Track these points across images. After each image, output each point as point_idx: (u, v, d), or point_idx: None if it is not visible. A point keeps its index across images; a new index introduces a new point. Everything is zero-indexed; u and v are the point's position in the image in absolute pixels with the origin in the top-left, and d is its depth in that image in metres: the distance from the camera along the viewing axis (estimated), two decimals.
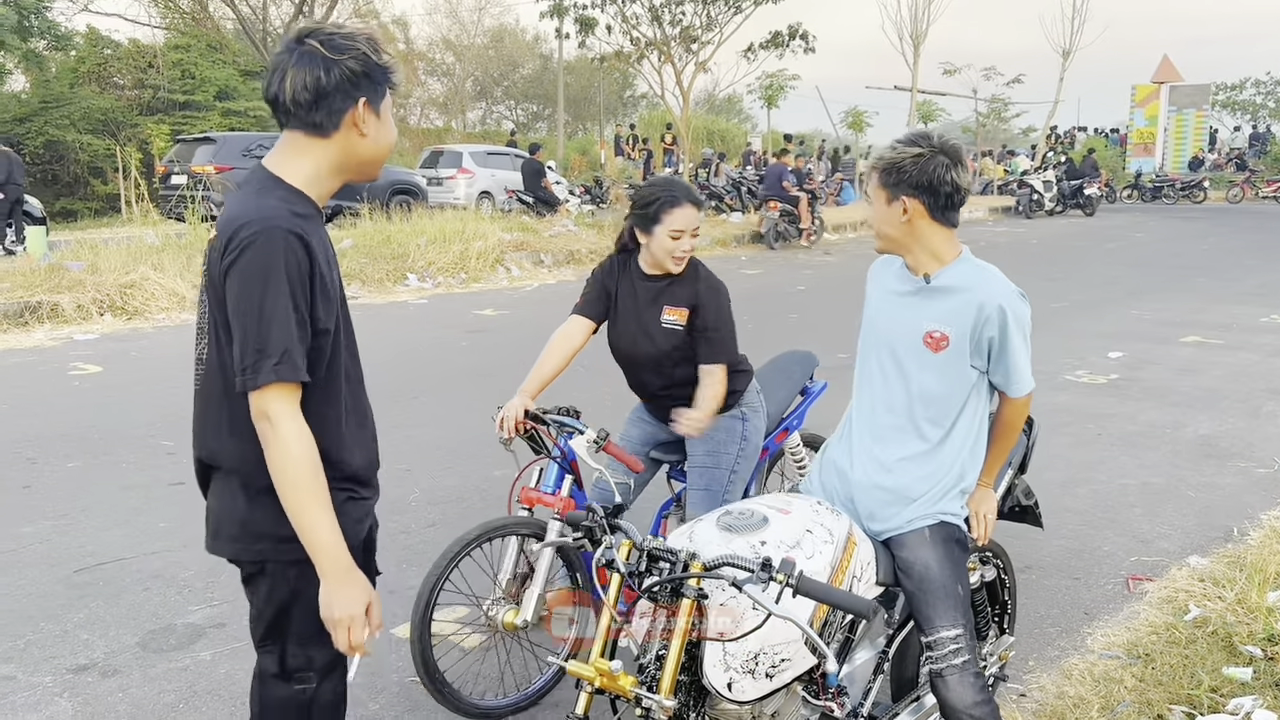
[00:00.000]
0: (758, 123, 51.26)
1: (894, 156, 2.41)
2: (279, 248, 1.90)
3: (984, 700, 2.43)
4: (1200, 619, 3.82)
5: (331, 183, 2.09)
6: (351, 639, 1.96)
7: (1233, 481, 5.59)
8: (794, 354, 4.26)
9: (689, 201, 3.32)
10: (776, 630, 2.06)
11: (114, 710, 3.33)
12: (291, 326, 1.91)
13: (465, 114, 46.83)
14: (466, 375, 8.19)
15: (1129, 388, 7.81)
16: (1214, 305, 11.69)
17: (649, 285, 3.39)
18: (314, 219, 2.03)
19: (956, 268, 2.48)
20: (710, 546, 2.18)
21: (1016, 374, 2.48)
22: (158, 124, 25.51)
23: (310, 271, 1.95)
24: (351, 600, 1.95)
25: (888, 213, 2.45)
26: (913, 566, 2.47)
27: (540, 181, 20.42)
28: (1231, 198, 31.01)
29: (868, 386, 2.63)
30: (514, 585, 3.24)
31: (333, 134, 2.02)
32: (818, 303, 11.63)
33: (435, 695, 3.08)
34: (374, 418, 2.25)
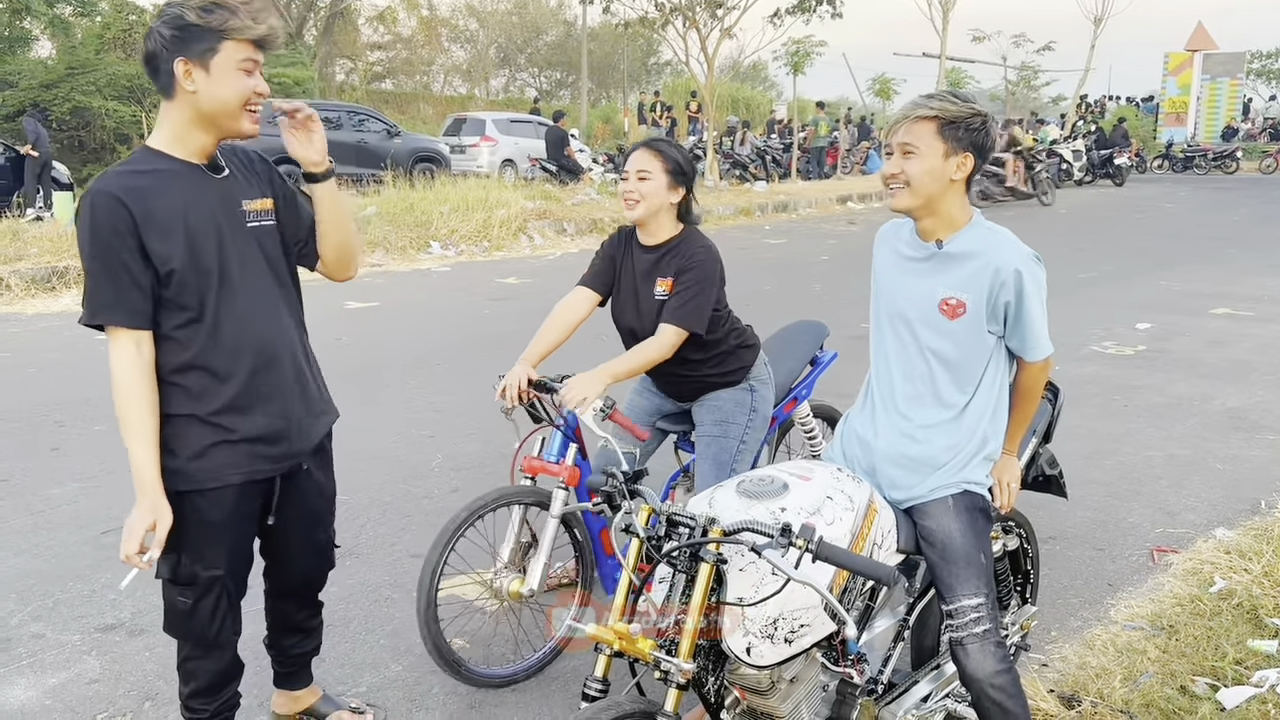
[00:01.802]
0: (783, 90, 50.86)
1: (963, 109, 2.32)
2: (87, 210, 2.19)
3: (1005, 669, 2.41)
4: (1225, 591, 3.79)
5: (196, 137, 2.29)
6: (124, 549, 2.26)
7: (1261, 454, 5.52)
8: (803, 324, 4.23)
9: (643, 146, 3.27)
10: (796, 596, 2.05)
11: (141, 669, 3.38)
12: (104, 277, 2.20)
13: (488, 81, 46.70)
14: (489, 343, 8.20)
15: (1157, 359, 7.73)
16: (1245, 277, 11.52)
17: (645, 257, 3.33)
18: (164, 174, 2.26)
19: (969, 232, 2.43)
20: (730, 512, 2.17)
21: (1034, 338, 2.44)
22: None
23: (132, 222, 2.18)
24: (138, 517, 2.27)
25: (942, 166, 2.34)
26: (935, 535, 2.45)
27: (564, 149, 20.35)
28: (1265, 168, 30.48)
29: (885, 356, 2.59)
30: (518, 554, 3.23)
31: (173, 95, 2.24)
32: (841, 272, 11.55)
33: (441, 664, 3.09)
34: (302, 370, 2.51)
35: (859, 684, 2.42)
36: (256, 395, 2.40)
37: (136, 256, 2.20)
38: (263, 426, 2.42)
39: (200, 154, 2.32)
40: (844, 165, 27.92)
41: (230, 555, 2.50)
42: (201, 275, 2.28)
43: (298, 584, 2.83)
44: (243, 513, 2.48)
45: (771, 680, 2.21)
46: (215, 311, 2.31)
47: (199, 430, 2.35)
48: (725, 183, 22.01)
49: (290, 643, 2.92)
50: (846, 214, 18.81)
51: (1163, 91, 37.04)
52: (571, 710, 3.16)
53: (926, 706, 2.66)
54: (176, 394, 2.33)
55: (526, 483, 3.26)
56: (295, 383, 2.50)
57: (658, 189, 3.20)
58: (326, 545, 2.81)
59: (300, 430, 2.52)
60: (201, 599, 2.47)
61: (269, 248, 2.45)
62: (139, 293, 2.22)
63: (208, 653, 2.56)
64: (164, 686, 3.27)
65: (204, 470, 2.37)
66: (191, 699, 2.59)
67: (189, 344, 2.31)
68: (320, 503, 2.71)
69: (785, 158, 25.13)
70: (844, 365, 4.13)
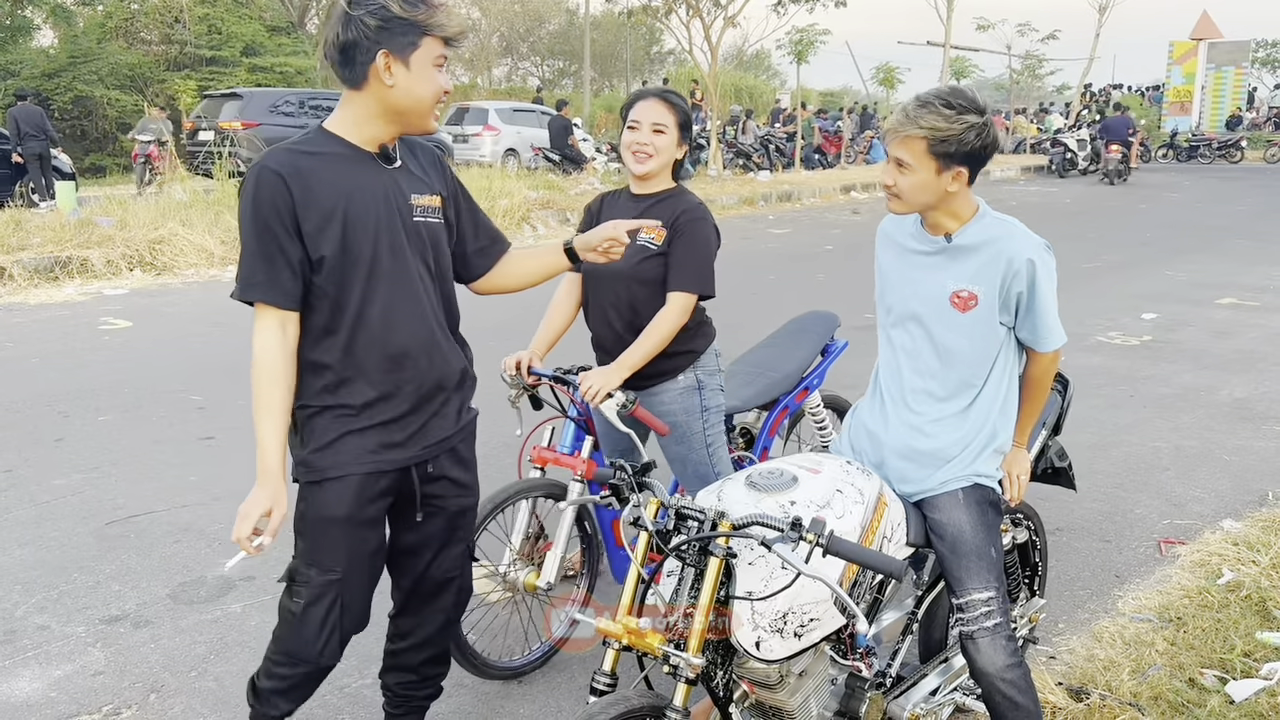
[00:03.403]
0: (787, 79, 50.67)
1: (953, 128, 2.25)
2: (251, 184, 2.15)
3: (1015, 663, 2.40)
4: (1234, 583, 3.77)
5: (377, 129, 2.24)
6: (237, 531, 2.15)
7: (1268, 445, 5.50)
8: (815, 314, 4.22)
9: (656, 96, 3.09)
10: (805, 590, 2.03)
11: (146, 661, 3.37)
12: (258, 254, 2.16)
13: (491, 70, 46.57)
14: (491, 331, 8.14)
15: (1163, 349, 7.70)
16: (1251, 267, 11.48)
17: (634, 204, 3.18)
18: (334, 157, 2.21)
19: (978, 223, 2.40)
20: (738, 505, 2.15)
21: (1046, 328, 2.41)
22: (185, 79, 25.55)
23: (291, 203, 2.13)
24: (252, 499, 2.17)
25: (935, 182, 2.31)
26: (945, 528, 2.44)
27: (567, 139, 20.29)
28: (1269, 157, 30.37)
29: (893, 350, 2.57)
30: (528, 545, 3.20)
31: (363, 86, 2.18)
32: (845, 262, 11.51)
33: (457, 658, 3.05)
34: (437, 369, 2.38)
35: (867, 677, 2.41)
36: (392, 395, 2.30)
37: (292, 237, 2.15)
38: (392, 419, 2.31)
39: (375, 143, 2.26)
40: (848, 155, 27.84)
41: (350, 558, 2.34)
42: (352, 264, 2.21)
43: (429, 596, 2.58)
44: (365, 511, 2.33)
45: (780, 674, 2.20)
46: (361, 302, 2.24)
47: (327, 421, 2.27)
48: (729, 172, 21.95)
49: (397, 680, 2.68)
50: (850, 203, 18.76)
51: (1167, 80, 36.88)
52: (579, 702, 3.15)
53: (935, 700, 2.65)
54: (313, 384, 2.26)
55: (536, 474, 3.23)
56: (432, 383, 2.36)
57: (670, 144, 3.06)
58: (464, 553, 2.61)
59: (429, 426, 2.38)
60: (313, 605, 2.33)
61: (432, 244, 2.35)
62: (290, 273, 2.17)
63: (302, 664, 2.40)
64: (169, 679, 3.27)
65: (326, 459, 2.27)
66: (272, 695, 2.43)
67: (332, 332, 2.24)
68: (456, 504, 2.51)
69: (789, 147, 25.04)
70: (846, 356, 4.12)
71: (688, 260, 3.06)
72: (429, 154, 2.45)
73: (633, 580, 2.12)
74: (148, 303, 9.30)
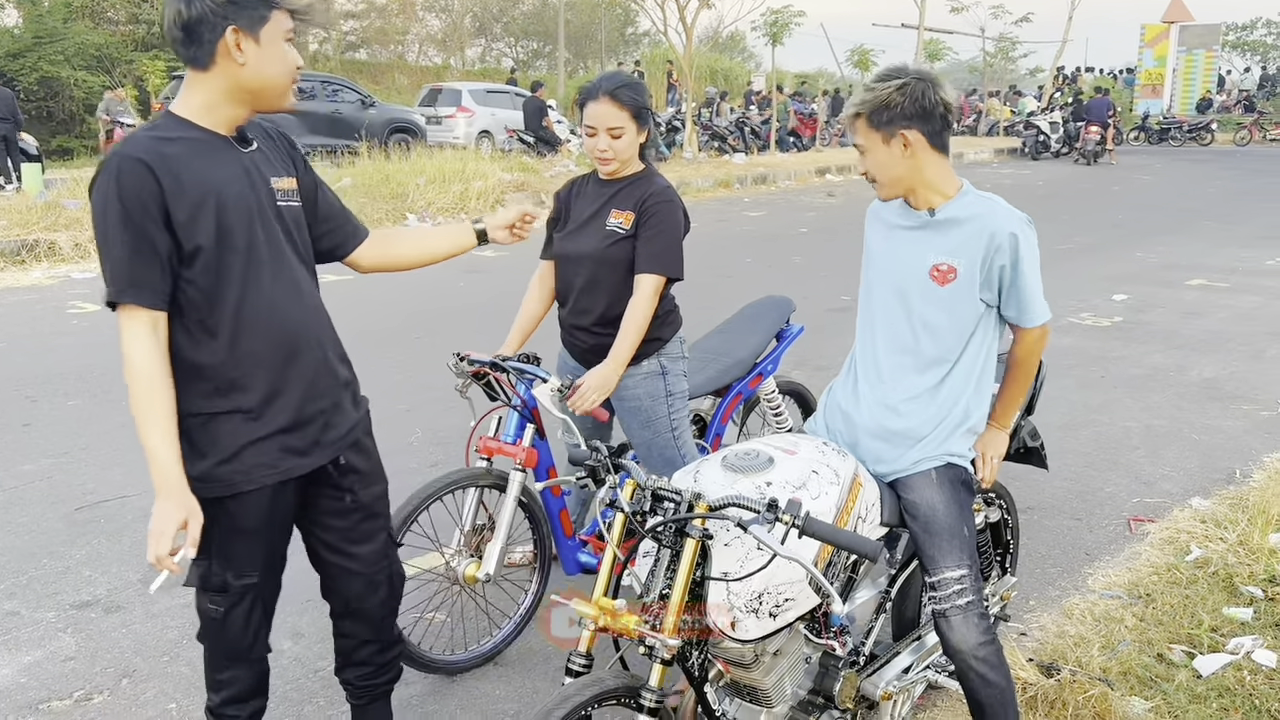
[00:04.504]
0: (761, 61, 50.57)
1: (878, 95, 2.31)
2: (111, 176, 1.99)
3: (988, 641, 2.42)
4: (1201, 560, 3.82)
5: (231, 110, 2.12)
6: (155, 551, 2.02)
7: (1236, 424, 5.58)
8: (770, 299, 4.19)
9: (605, 95, 2.99)
10: (781, 571, 2.03)
11: (117, 645, 3.35)
12: (127, 252, 2.00)
13: (464, 51, 46.13)
14: (465, 316, 8.15)
15: (1133, 330, 7.78)
16: (1220, 248, 11.60)
17: (602, 190, 3.18)
18: (193, 142, 2.07)
19: (961, 199, 2.42)
20: (715, 487, 2.15)
21: (1030, 302, 2.42)
22: (153, 60, 25.14)
23: (160, 193, 1.99)
24: (164, 515, 2.03)
25: (887, 153, 2.35)
26: (918, 508, 2.45)
27: (542, 120, 20.18)
28: (1239, 140, 30.68)
29: (871, 327, 2.57)
30: (474, 537, 3.16)
31: (211, 66, 2.05)
32: (820, 245, 11.53)
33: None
34: (328, 354, 2.30)
35: (841, 655, 2.43)
36: (287, 387, 2.20)
37: (162, 230, 2.01)
38: (294, 419, 2.22)
39: (229, 126, 2.14)
40: (823, 137, 27.85)
41: (266, 562, 2.31)
42: (229, 255, 2.09)
43: (359, 590, 2.51)
44: (278, 515, 2.28)
45: (755, 653, 2.20)
46: (241, 294, 2.11)
47: (227, 428, 2.15)
48: (704, 155, 21.91)
49: (355, 674, 2.63)
50: (825, 186, 18.76)
51: (1139, 63, 37.12)
52: (554, 683, 3.16)
53: (908, 677, 2.67)
54: (199, 388, 2.13)
55: (482, 464, 3.18)
56: (326, 371, 2.30)
57: (630, 141, 3.05)
58: (387, 541, 2.56)
59: (332, 421, 2.31)
60: (234, 607, 2.29)
61: (295, 229, 2.27)
62: (161, 270, 2.03)
63: (240, 662, 2.38)
64: (141, 663, 3.24)
65: (236, 473, 2.16)
66: (224, 706, 2.40)
67: (213, 331, 2.11)
68: (369, 495, 2.46)
69: (764, 129, 25.02)
70: (820, 338, 4.12)
71: (656, 243, 3.07)
72: (276, 134, 2.32)
73: (608, 561, 2.11)
74: None
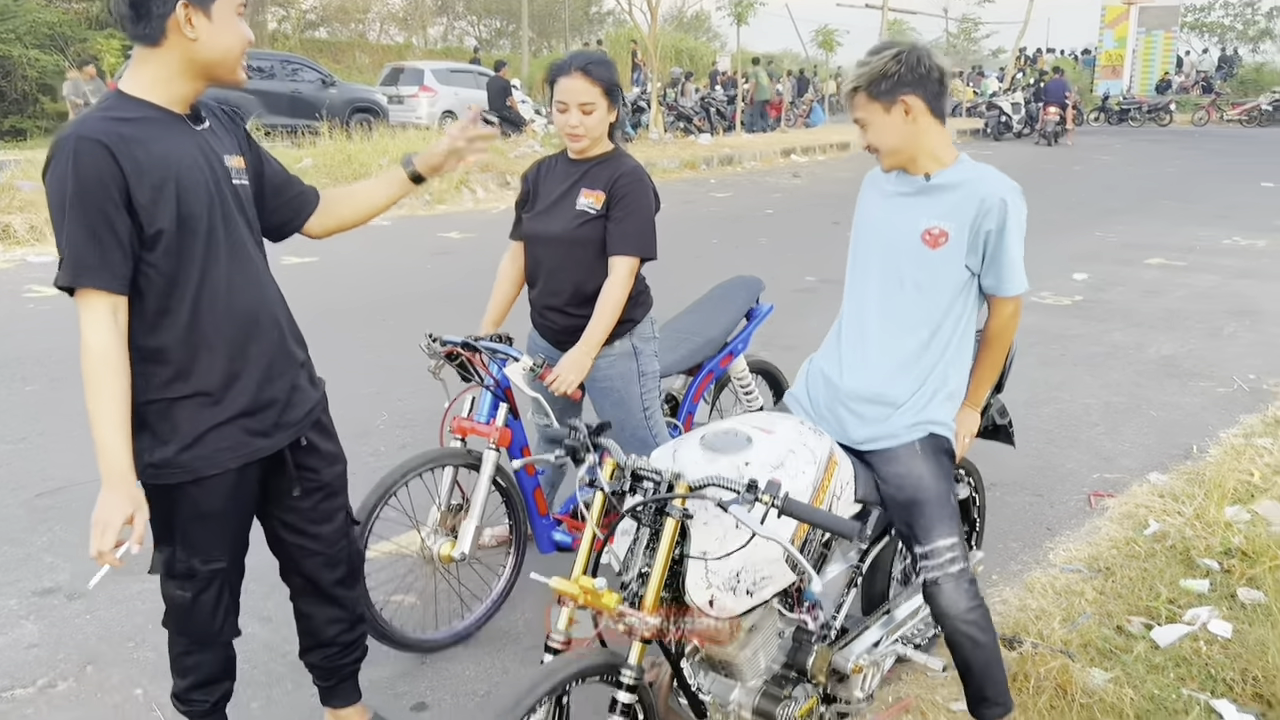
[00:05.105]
0: (726, 41, 50.45)
1: (876, 66, 2.36)
2: (68, 158, 1.95)
3: (977, 605, 2.50)
4: (1159, 533, 3.90)
5: (183, 87, 2.08)
6: (98, 544, 1.99)
7: (1193, 401, 5.68)
8: (740, 278, 4.20)
9: (577, 70, 3.00)
10: (759, 550, 2.06)
11: (81, 632, 3.31)
12: (85, 235, 1.96)
13: (426, 30, 45.64)
14: (433, 298, 8.10)
15: (1093, 309, 7.88)
16: (1178, 227, 11.77)
17: (571, 169, 3.18)
18: (148, 122, 2.03)
19: (957, 167, 2.48)
20: (694, 466, 2.16)
21: (1011, 270, 2.46)
22: (108, 39, 24.61)
23: (120, 174, 1.95)
24: (109, 506, 2.00)
25: (888, 121, 2.40)
26: (905, 479, 2.48)
27: (506, 100, 20.01)
28: (1197, 120, 31.12)
29: (858, 293, 2.60)
30: (449, 517, 3.16)
31: (162, 41, 2.01)
32: (786, 226, 11.56)
33: (371, 630, 2.97)
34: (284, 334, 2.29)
35: (814, 630, 2.47)
36: (246, 368, 2.18)
37: (122, 213, 1.97)
38: (254, 401, 2.20)
39: (183, 103, 2.09)
40: (788, 118, 27.89)
41: (232, 545, 2.32)
42: (191, 235, 2.06)
43: (320, 570, 2.52)
44: (241, 498, 2.28)
45: (731, 629, 2.24)
46: (201, 276, 2.09)
47: (188, 413, 2.12)
48: (670, 135, 21.86)
49: (320, 657, 2.65)
50: (791, 167, 18.79)
51: (1099, 44, 37.46)
52: (524, 663, 3.17)
53: (878, 650, 2.71)
54: (157, 374, 2.10)
55: (456, 444, 3.18)
56: (283, 351, 2.29)
57: (600, 117, 3.05)
58: (346, 520, 2.56)
59: (292, 401, 2.30)
60: (202, 593, 2.29)
61: (248, 208, 2.24)
62: (121, 254, 1.98)
63: (208, 647, 2.40)
64: (105, 649, 3.21)
65: (198, 458, 2.14)
66: (191, 691, 2.41)
67: (173, 315, 2.08)
68: (330, 474, 2.46)
69: (729, 110, 25.00)
70: (787, 318, 4.14)
71: (629, 224, 3.07)
72: (220, 110, 2.27)
73: (588, 540, 2.12)
74: None
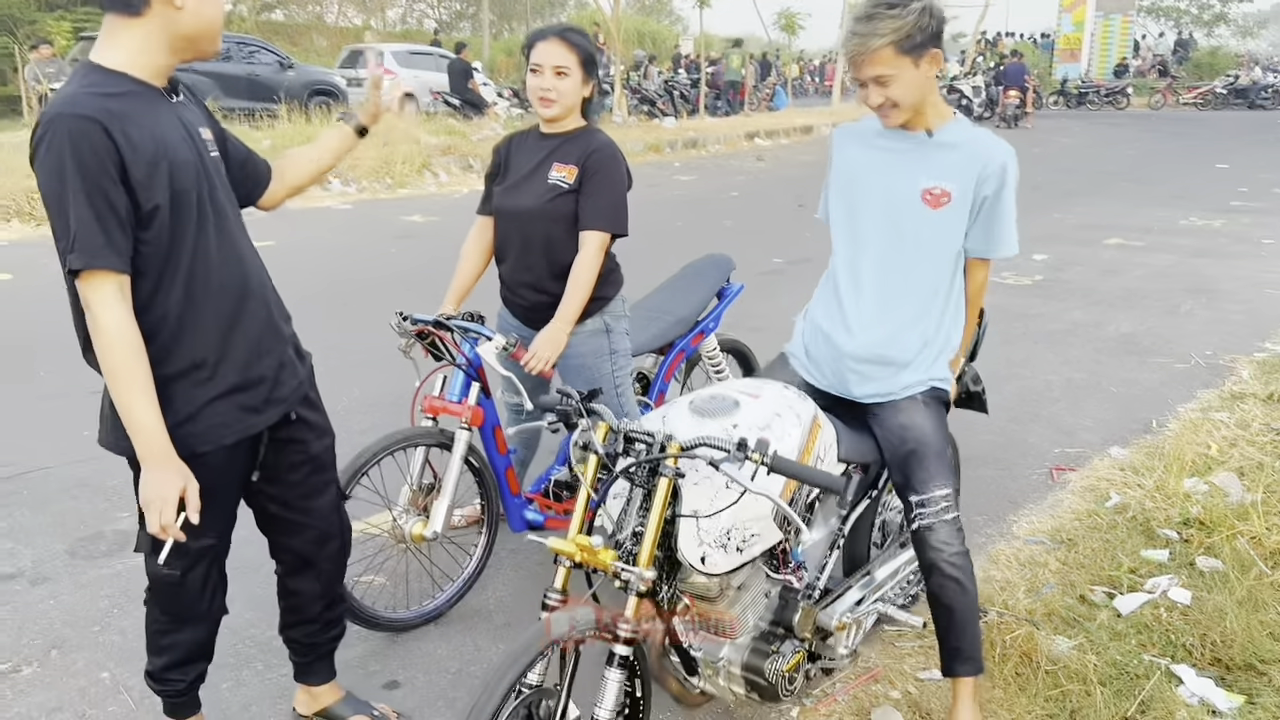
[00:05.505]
0: (689, 25, 50.34)
1: (909, 21, 2.27)
2: (63, 138, 1.89)
3: (964, 551, 2.57)
4: (1120, 505, 3.97)
5: (164, 59, 2.04)
6: (161, 520, 2.00)
7: (1152, 376, 5.77)
8: (710, 258, 4.21)
9: (554, 35, 3.02)
10: (748, 507, 2.14)
11: (46, 616, 3.27)
12: (92, 215, 1.91)
13: (385, 12, 45.06)
14: (395, 282, 8.04)
15: (1053, 288, 7.98)
16: (1136, 209, 11.93)
17: (543, 143, 3.16)
18: (132, 96, 1.98)
19: (957, 124, 2.48)
20: (684, 429, 2.24)
21: (1004, 233, 2.52)
22: (58, 21, 24.10)
23: (116, 152, 1.91)
24: (162, 483, 2.01)
25: (917, 75, 2.34)
26: (910, 430, 2.54)
27: (467, 83, 19.87)
28: (1154, 104, 31.50)
29: (851, 248, 2.59)
30: (421, 496, 3.15)
31: (144, 11, 1.97)
32: (751, 208, 11.59)
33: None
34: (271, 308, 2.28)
35: (799, 589, 2.54)
36: (237, 343, 2.17)
37: (120, 190, 1.93)
38: (246, 376, 2.19)
39: (161, 76, 2.05)
40: (751, 102, 27.89)
41: (220, 523, 2.29)
42: (185, 210, 2.03)
43: (312, 545, 2.52)
44: (233, 475, 2.27)
45: (720, 587, 2.32)
46: (193, 253, 2.06)
47: (182, 389, 2.10)
48: (634, 118, 21.80)
49: (302, 633, 2.65)
50: (754, 150, 18.82)
51: (1058, 28, 37.79)
52: (496, 641, 3.17)
53: (860, 609, 2.80)
54: (153, 350, 2.05)
55: (428, 423, 3.16)
56: (271, 326, 2.27)
57: (575, 86, 3.04)
58: (337, 494, 2.56)
59: (283, 376, 2.29)
60: (192, 569, 2.27)
61: (223, 181, 2.21)
62: (123, 233, 1.95)
63: (191, 625, 2.37)
64: (70, 634, 3.17)
65: (193, 435, 2.11)
66: (167, 671, 2.39)
67: (167, 291, 2.05)
68: (319, 447, 2.46)
69: (693, 93, 24.98)
70: (754, 299, 4.15)
71: (601, 199, 3.07)
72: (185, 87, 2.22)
73: (582, 500, 2.20)
74: (29, 254, 8.84)
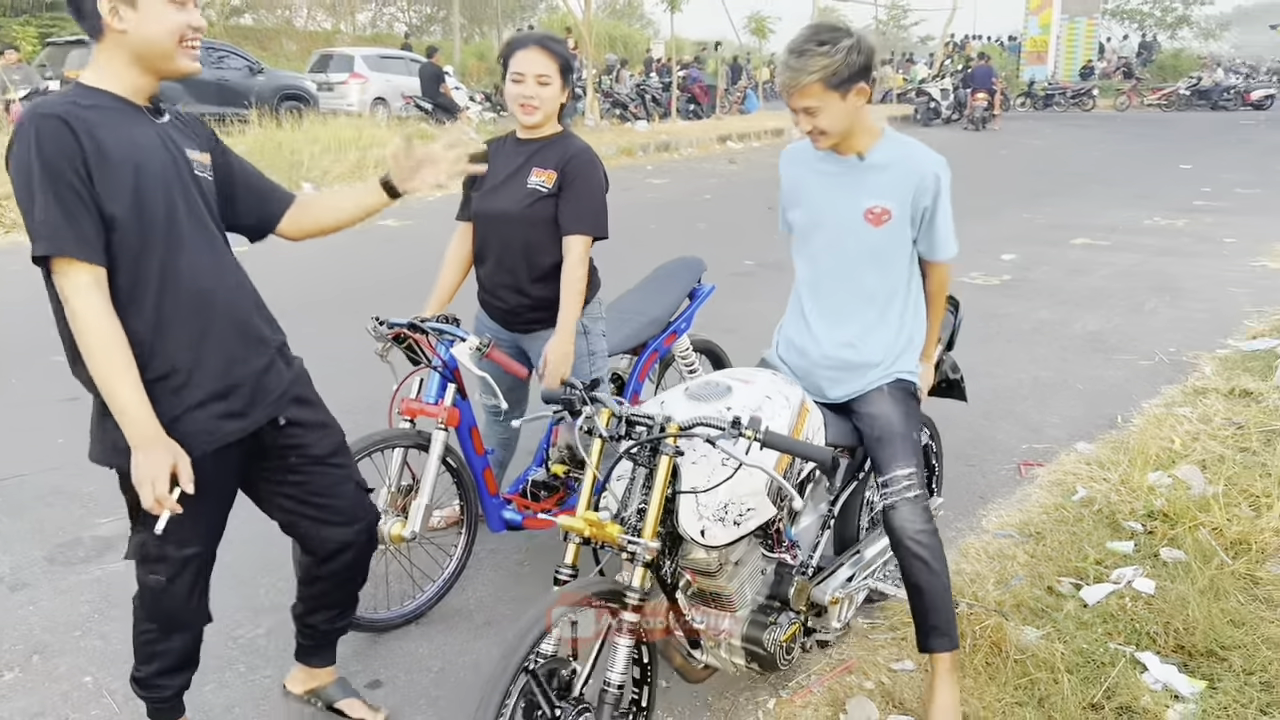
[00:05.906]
0: (660, 28, 50.47)
1: (834, 61, 2.39)
2: (31, 135, 1.94)
3: (931, 529, 2.66)
4: (1086, 499, 4.06)
5: (134, 77, 2.10)
6: (155, 493, 2.03)
7: (1117, 374, 5.89)
8: (682, 259, 4.27)
9: (535, 43, 3.08)
10: (743, 482, 2.29)
11: (25, 622, 3.27)
12: (58, 206, 1.95)
13: (355, 16, 44.84)
14: (370, 287, 8.05)
15: (1021, 287, 8.10)
16: (1102, 209, 12.10)
17: (521, 149, 3.22)
18: (105, 109, 2.05)
19: (886, 143, 2.61)
20: (681, 412, 2.36)
21: (944, 238, 2.65)
22: (24, 26, 23.90)
23: (81, 152, 1.96)
24: (153, 461, 2.03)
25: (844, 108, 2.47)
26: (875, 419, 2.70)
27: (439, 87, 19.84)
28: (1119, 105, 31.93)
29: (813, 266, 2.75)
30: (399, 498, 3.17)
31: (102, 36, 2.06)
32: (723, 211, 11.67)
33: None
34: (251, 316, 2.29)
35: (793, 565, 2.69)
36: (212, 351, 2.17)
37: (88, 185, 1.97)
38: (222, 384, 2.19)
39: (139, 94, 2.11)
40: (722, 105, 28.00)
41: (206, 531, 2.31)
42: (147, 225, 2.05)
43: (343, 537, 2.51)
44: (219, 483, 2.27)
45: (719, 562, 2.44)
46: (163, 263, 2.08)
47: (158, 398, 2.09)
48: (606, 122, 21.85)
49: (319, 619, 2.68)
50: (726, 153, 18.91)
51: (1024, 31, 38.23)
52: (477, 639, 3.21)
53: (851, 585, 2.93)
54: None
55: (405, 425, 3.19)
56: (251, 334, 2.27)
57: (555, 93, 3.10)
58: (358, 488, 2.55)
59: (263, 384, 2.28)
60: (177, 577, 2.29)
61: (211, 199, 2.25)
62: (93, 224, 1.98)
63: (179, 633, 2.39)
64: (51, 639, 3.18)
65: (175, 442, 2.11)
66: (156, 677, 2.41)
67: (138, 300, 2.07)
68: (323, 446, 2.44)
69: (665, 97, 25.05)
70: (726, 301, 4.21)
71: (582, 204, 3.14)
72: (187, 117, 2.28)
73: (589, 481, 2.34)
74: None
